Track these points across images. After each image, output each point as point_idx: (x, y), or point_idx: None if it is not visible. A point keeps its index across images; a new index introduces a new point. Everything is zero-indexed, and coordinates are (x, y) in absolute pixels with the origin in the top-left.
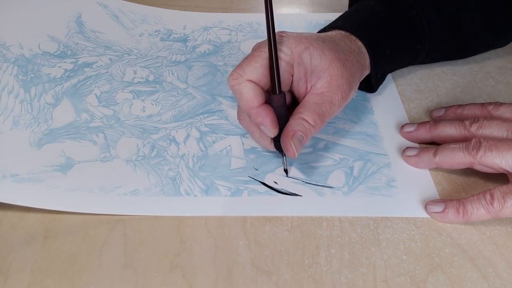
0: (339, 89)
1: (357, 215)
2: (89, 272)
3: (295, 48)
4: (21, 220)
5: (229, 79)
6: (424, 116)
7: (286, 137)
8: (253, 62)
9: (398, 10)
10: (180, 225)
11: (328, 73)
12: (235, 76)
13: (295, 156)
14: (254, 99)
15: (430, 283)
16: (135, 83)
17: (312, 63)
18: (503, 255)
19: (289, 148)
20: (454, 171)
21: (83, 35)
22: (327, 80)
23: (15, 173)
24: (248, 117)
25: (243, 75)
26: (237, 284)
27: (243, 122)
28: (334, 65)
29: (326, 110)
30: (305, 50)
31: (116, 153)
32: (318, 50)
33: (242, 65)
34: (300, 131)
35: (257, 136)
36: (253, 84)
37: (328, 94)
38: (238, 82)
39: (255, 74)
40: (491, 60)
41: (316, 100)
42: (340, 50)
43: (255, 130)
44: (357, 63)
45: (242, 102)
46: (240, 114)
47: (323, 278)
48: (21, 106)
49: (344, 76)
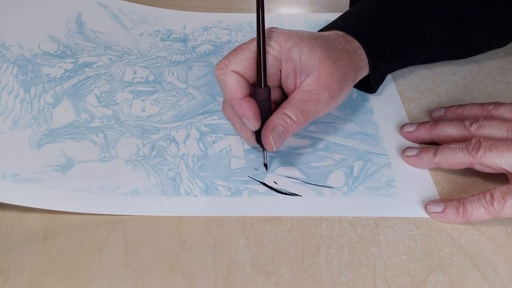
0: (327, 88)
1: (357, 215)
2: (89, 272)
3: (284, 43)
4: (21, 220)
5: (215, 69)
6: (424, 116)
7: (266, 130)
8: (240, 54)
9: (399, 11)
10: (180, 225)
11: (317, 70)
12: (221, 66)
13: (273, 149)
14: (238, 90)
15: (430, 283)
16: (135, 83)
17: (301, 60)
18: (503, 255)
19: (267, 141)
20: (454, 171)
21: (83, 35)
22: (315, 78)
23: (15, 173)
24: (231, 108)
25: (228, 65)
26: (237, 284)
27: (227, 113)
28: (324, 63)
29: (311, 107)
30: (295, 46)
31: (116, 153)
32: (308, 47)
33: (228, 56)
34: (281, 125)
35: (239, 128)
36: (237, 75)
37: (315, 92)
38: (223, 72)
39: (240, 66)
40: (491, 60)
41: (302, 97)
42: (332, 49)
43: (237, 122)
44: (350, 64)
45: (226, 93)
46: (224, 105)
47: (323, 278)
48: (21, 106)
49: (334, 75)
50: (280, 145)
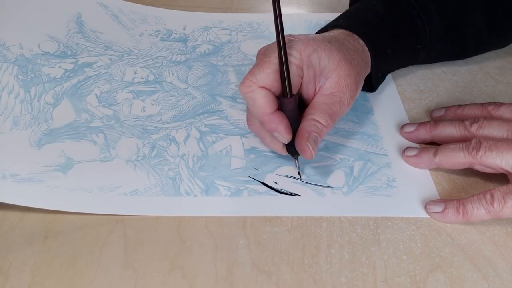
0: (348, 88)
1: (357, 215)
2: (89, 272)
3: (304, 50)
4: (21, 220)
5: (241, 87)
6: (424, 116)
7: (302, 139)
8: (265, 68)
9: (399, 9)
10: (180, 225)
11: (336, 73)
12: (247, 83)
13: (313, 156)
14: (267, 106)
15: (430, 283)
16: (135, 83)
17: (320, 64)
18: (503, 255)
19: (306, 149)
20: (454, 171)
21: (83, 35)
22: (335, 81)
23: (15, 173)
24: (260, 123)
25: (255, 82)
26: (237, 284)
27: (253, 128)
28: (342, 65)
29: (337, 109)
30: (314, 52)
31: (116, 153)
32: (326, 51)
33: (253, 72)
34: (314, 131)
35: (269, 141)
36: (265, 90)
37: (337, 94)
38: (251, 90)
39: (267, 80)
40: (491, 60)
41: (326, 100)
42: (346, 50)
43: (267, 136)
44: (362, 62)
45: (255, 110)
46: (250, 120)
47: (323, 278)
48: (21, 106)
49: (352, 75)
50: (316, 151)
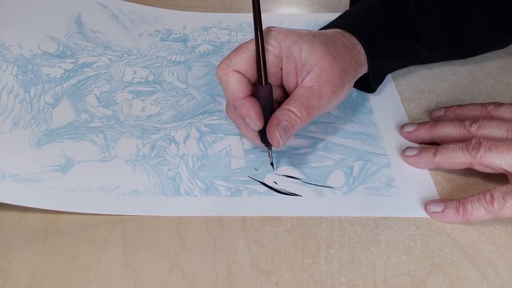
0: (329, 83)
1: (357, 215)
2: (89, 272)
3: (284, 41)
4: (21, 220)
5: (217, 69)
6: (424, 116)
7: (271, 126)
8: (241, 53)
9: (399, 10)
10: (179, 225)
11: (318, 66)
12: (222, 66)
13: (279, 145)
14: (240, 90)
15: (430, 283)
16: (134, 83)
17: (302, 56)
18: (503, 255)
19: (273, 136)
20: (454, 171)
21: (82, 35)
22: (316, 74)
23: (15, 173)
24: (233, 108)
25: (230, 65)
26: (237, 284)
27: (230, 115)
28: (325, 59)
29: (314, 103)
30: (294, 44)
31: (115, 153)
32: (308, 44)
33: (229, 56)
34: (286, 120)
35: (244, 130)
36: (239, 75)
37: (317, 87)
38: (225, 72)
39: (242, 65)
40: (491, 60)
41: (304, 93)
42: (331, 45)
43: (242, 123)
44: (350, 59)
45: (228, 93)
46: (228, 107)
47: (323, 278)
48: (20, 106)
49: (335, 70)
50: (286, 141)
